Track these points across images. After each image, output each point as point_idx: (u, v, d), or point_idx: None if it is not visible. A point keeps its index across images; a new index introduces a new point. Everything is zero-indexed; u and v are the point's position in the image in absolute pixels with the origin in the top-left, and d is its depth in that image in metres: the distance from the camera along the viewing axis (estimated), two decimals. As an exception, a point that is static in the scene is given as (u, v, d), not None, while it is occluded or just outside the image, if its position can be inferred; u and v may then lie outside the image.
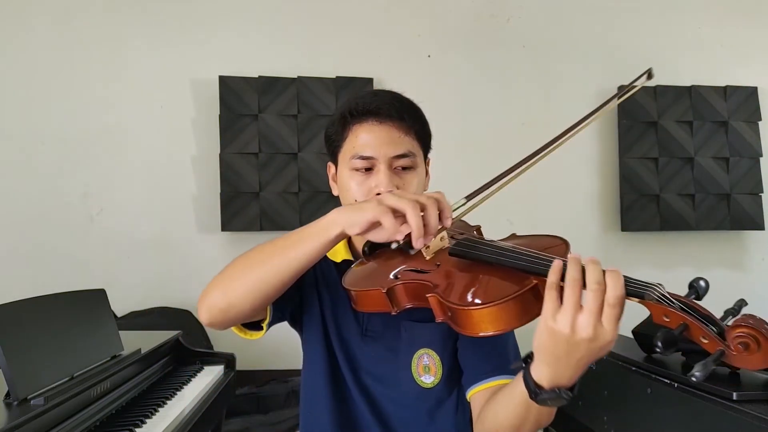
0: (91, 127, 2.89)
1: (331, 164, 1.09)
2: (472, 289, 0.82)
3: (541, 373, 0.74)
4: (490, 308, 0.75)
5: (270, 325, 1.03)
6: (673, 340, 0.64)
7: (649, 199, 3.15)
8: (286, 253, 0.87)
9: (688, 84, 3.19)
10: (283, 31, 3.02)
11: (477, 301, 0.77)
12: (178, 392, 1.58)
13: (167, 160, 2.93)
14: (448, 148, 3.02)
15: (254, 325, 1.03)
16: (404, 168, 1.01)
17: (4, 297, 1.22)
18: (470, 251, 0.88)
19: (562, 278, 0.70)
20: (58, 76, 2.89)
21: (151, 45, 2.94)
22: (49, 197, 2.85)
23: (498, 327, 0.76)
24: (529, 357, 0.77)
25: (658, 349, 0.63)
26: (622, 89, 3.45)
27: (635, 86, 0.93)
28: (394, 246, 0.86)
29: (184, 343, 1.89)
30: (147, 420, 1.33)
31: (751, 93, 3.23)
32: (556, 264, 0.70)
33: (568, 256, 0.70)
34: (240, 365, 1.98)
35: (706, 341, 0.65)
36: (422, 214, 0.79)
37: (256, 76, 2.95)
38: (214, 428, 1.80)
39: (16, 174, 2.84)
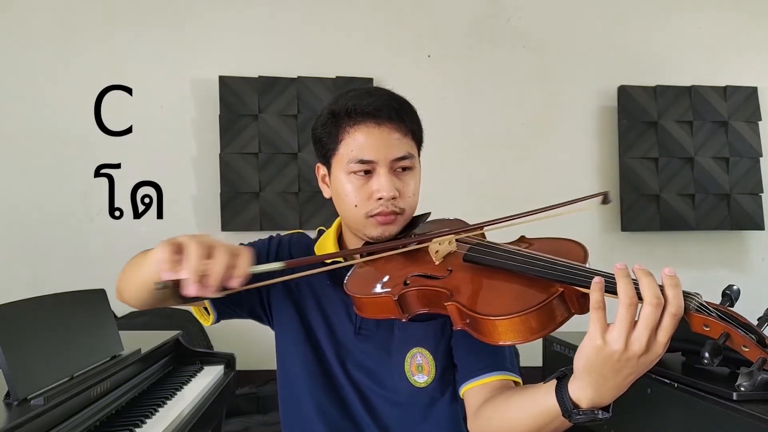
0: (90, 127, 2.89)
1: (320, 165, 1.06)
2: (497, 298, 0.79)
3: (581, 392, 0.71)
4: (519, 317, 0.73)
5: (220, 319, 1.06)
6: (718, 351, 0.64)
7: (649, 199, 3.15)
8: (141, 270, 0.87)
9: (688, 84, 3.19)
10: (283, 31, 3.02)
11: (504, 310, 0.75)
12: (178, 392, 1.58)
13: (167, 160, 2.93)
14: (448, 148, 3.02)
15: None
16: (404, 169, 1.00)
17: (4, 297, 1.22)
18: (488, 258, 0.85)
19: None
20: (58, 77, 2.89)
21: (151, 45, 2.94)
22: (49, 197, 2.86)
23: (523, 336, 0.74)
24: (564, 373, 0.75)
25: (705, 360, 0.63)
26: (622, 90, 3.44)
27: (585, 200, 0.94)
28: (158, 286, 0.73)
29: (184, 343, 1.89)
30: (147, 420, 1.33)
31: (751, 93, 3.23)
32: (598, 281, 0.68)
33: (616, 270, 0.68)
34: (240, 365, 1.97)
35: (747, 350, 0.65)
36: (207, 261, 0.71)
37: (256, 76, 2.95)
38: (214, 428, 1.80)
39: (16, 174, 2.84)
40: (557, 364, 2.21)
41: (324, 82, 2.98)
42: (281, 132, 2.95)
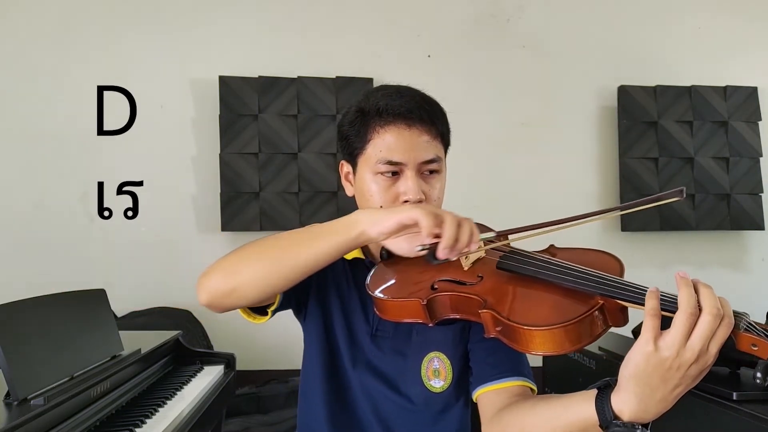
0: (90, 127, 2.89)
1: (344, 162, 1.04)
2: (535, 308, 0.78)
3: (624, 404, 0.70)
4: (558, 329, 0.73)
5: (276, 311, 1.01)
6: None
7: (649, 199, 3.14)
8: (302, 248, 0.85)
9: (688, 84, 3.19)
10: (283, 31, 3.02)
11: (543, 321, 0.74)
12: (178, 392, 1.57)
13: (167, 160, 2.93)
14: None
15: (259, 309, 1.01)
16: (431, 172, 0.99)
17: (4, 297, 1.22)
18: (523, 267, 0.84)
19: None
20: (58, 76, 2.89)
21: (151, 45, 2.94)
22: (49, 197, 2.86)
23: (560, 347, 0.74)
24: (607, 383, 0.74)
25: (758, 381, 0.66)
26: (622, 90, 3.43)
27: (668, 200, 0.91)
28: (415, 252, 0.83)
29: (184, 343, 1.89)
30: (147, 420, 1.33)
31: (751, 93, 3.23)
32: (655, 289, 0.70)
33: (678, 278, 0.69)
34: (240, 365, 1.97)
35: None
36: (458, 230, 0.79)
37: (256, 76, 2.95)
38: (214, 428, 1.80)
39: (16, 174, 2.84)
40: (558, 364, 2.21)
41: (324, 82, 2.98)
42: (281, 132, 2.95)
